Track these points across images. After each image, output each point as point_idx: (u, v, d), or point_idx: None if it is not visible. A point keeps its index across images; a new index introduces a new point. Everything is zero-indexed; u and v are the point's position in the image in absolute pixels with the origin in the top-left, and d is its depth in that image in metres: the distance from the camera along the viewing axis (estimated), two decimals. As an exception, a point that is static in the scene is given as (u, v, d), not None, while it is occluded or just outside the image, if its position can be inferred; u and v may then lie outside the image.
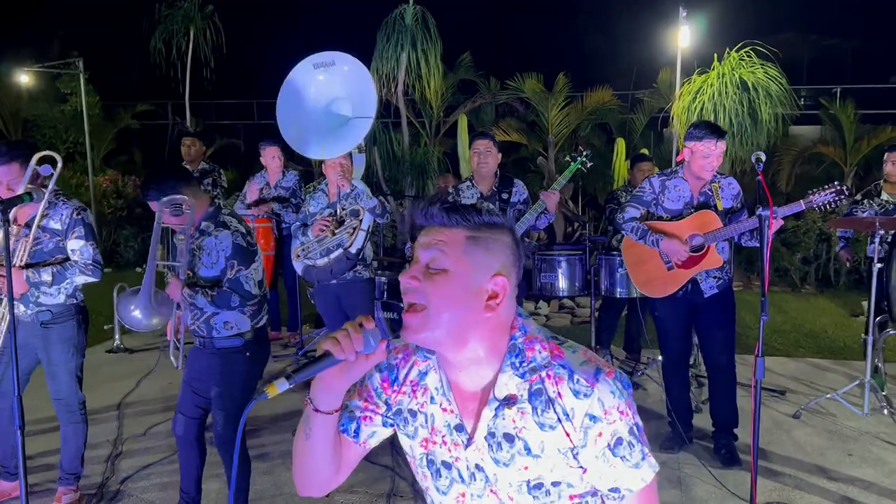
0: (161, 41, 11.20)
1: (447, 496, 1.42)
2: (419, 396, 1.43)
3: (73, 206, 3.44)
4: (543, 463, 1.33)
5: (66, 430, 3.63)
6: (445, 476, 1.41)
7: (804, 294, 9.52)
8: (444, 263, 1.31)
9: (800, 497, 3.79)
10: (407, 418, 1.45)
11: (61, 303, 3.48)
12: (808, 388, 5.54)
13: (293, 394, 5.50)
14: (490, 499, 1.38)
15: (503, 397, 1.34)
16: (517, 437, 1.33)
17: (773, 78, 8.49)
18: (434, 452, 1.41)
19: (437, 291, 1.30)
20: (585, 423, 1.30)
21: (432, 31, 9.64)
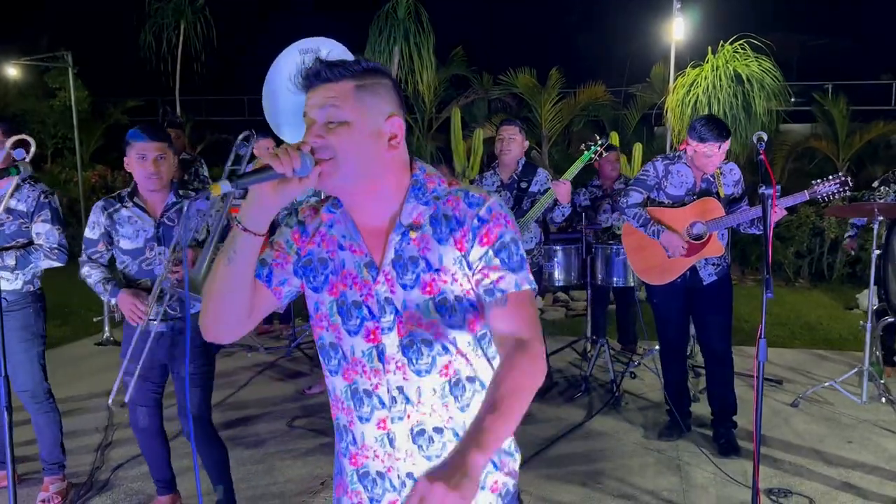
0: (151, 35, 11.10)
1: (357, 335, 1.46)
2: (328, 245, 1.49)
3: (40, 189, 3.35)
4: (443, 276, 1.41)
5: (38, 421, 3.52)
6: (356, 316, 1.45)
7: (798, 288, 9.50)
8: (342, 116, 1.38)
9: (800, 483, 3.75)
10: (316, 268, 1.50)
11: (18, 289, 3.36)
12: (806, 377, 5.51)
13: (286, 384, 5.46)
14: (401, 329, 1.44)
15: (408, 223, 1.43)
16: (420, 258, 1.42)
17: (767, 71, 8.47)
18: (344, 294, 1.46)
19: (342, 142, 1.37)
20: (475, 224, 1.41)
21: (425, 25, 9.59)
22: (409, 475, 1.47)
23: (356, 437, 1.51)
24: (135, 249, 3.04)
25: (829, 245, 9.75)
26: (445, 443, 1.46)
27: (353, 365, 1.47)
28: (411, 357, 1.43)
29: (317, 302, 1.51)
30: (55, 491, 3.51)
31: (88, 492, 3.69)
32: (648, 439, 4.32)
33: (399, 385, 1.44)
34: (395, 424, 1.46)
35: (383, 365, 1.44)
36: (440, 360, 1.44)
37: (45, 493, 3.50)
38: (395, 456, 1.47)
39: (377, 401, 1.46)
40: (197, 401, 3.13)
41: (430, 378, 1.44)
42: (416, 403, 1.44)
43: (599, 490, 3.68)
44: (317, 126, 1.39)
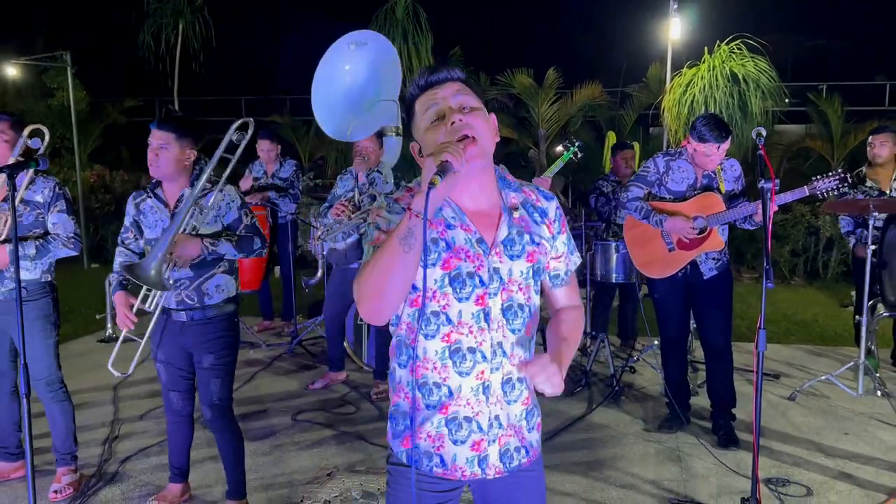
0: (150, 35, 11.13)
1: (468, 301, 1.68)
2: (437, 227, 1.69)
3: (54, 181, 3.44)
4: (540, 249, 1.76)
5: (52, 410, 3.58)
6: (468, 284, 1.68)
7: (793, 286, 9.59)
8: (473, 102, 1.68)
9: (798, 473, 3.82)
10: (429, 247, 1.65)
11: (37, 279, 3.44)
12: (802, 372, 5.59)
13: (290, 379, 5.51)
14: (503, 294, 1.71)
15: (510, 205, 1.74)
16: (525, 232, 1.74)
17: (763, 71, 8.56)
18: (459, 268, 1.68)
19: (479, 124, 1.66)
20: (557, 214, 1.81)
21: (423, 25, 9.67)
22: (496, 417, 1.74)
23: (452, 390, 1.72)
24: (153, 239, 3.13)
25: (824, 244, 9.85)
26: (522, 391, 1.78)
27: (460, 327, 1.69)
28: (509, 318, 1.71)
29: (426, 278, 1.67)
30: (67, 482, 3.56)
31: (98, 483, 3.74)
32: (648, 431, 4.39)
33: (499, 341, 1.71)
34: (492, 374, 1.71)
35: (488, 325, 1.69)
36: (527, 321, 1.75)
37: (57, 483, 3.55)
38: (487, 402, 1.72)
39: (480, 356, 1.70)
40: (217, 389, 3.20)
41: (520, 336, 1.74)
42: (509, 356, 1.72)
43: (601, 480, 3.75)
44: (455, 111, 1.65)
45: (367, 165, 4.84)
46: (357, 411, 4.76)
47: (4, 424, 3.67)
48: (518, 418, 1.78)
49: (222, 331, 3.17)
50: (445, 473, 1.76)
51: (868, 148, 5.49)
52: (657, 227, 4.13)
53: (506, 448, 1.77)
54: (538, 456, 1.87)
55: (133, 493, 3.64)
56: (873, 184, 5.40)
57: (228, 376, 3.23)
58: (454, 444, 1.74)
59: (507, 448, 1.77)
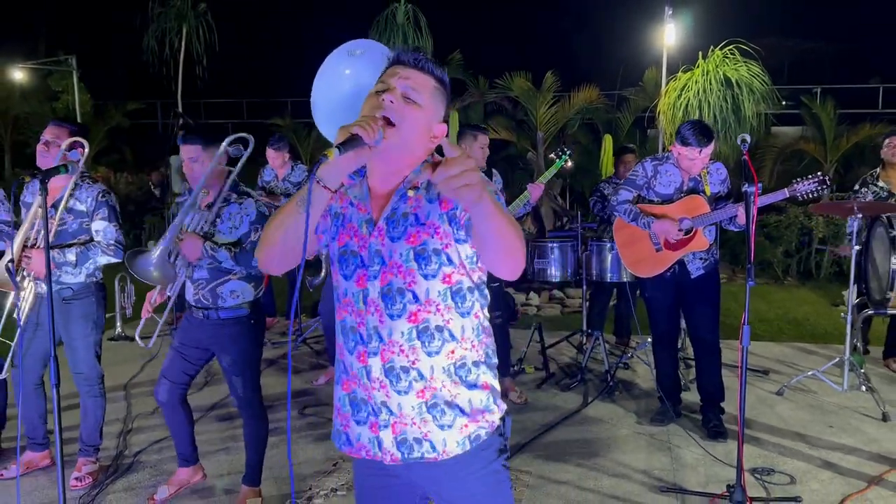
0: (154, 39, 11.29)
1: (351, 280, 1.71)
2: (342, 202, 1.77)
3: (99, 189, 3.59)
4: (427, 229, 1.65)
5: (85, 403, 3.78)
6: (351, 263, 1.72)
7: (786, 286, 9.77)
8: (419, 99, 1.66)
9: (783, 463, 4.00)
10: (332, 220, 1.77)
11: (82, 281, 3.62)
12: (791, 368, 5.76)
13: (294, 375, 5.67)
14: (383, 277, 1.68)
15: (408, 187, 1.69)
16: (410, 213, 1.67)
17: (756, 75, 8.73)
18: (347, 245, 1.73)
19: (409, 117, 1.64)
20: None
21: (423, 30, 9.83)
22: (384, 404, 1.70)
23: (346, 366, 1.76)
24: None
25: (816, 244, 10.02)
26: (412, 381, 1.68)
27: (345, 305, 1.74)
28: (387, 302, 1.67)
29: (329, 248, 1.79)
30: (88, 471, 3.75)
31: (114, 473, 3.92)
32: (641, 424, 4.57)
33: (375, 325, 1.69)
34: (371, 359, 1.70)
35: (366, 307, 1.69)
36: (410, 308, 1.67)
37: (78, 472, 3.74)
38: (370, 386, 1.71)
39: (359, 337, 1.71)
40: (239, 385, 3.40)
41: (400, 322, 1.67)
42: (387, 342, 1.68)
43: (595, 469, 3.93)
44: (396, 92, 1.64)
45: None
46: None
47: (32, 416, 3.85)
48: (414, 410, 1.69)
49: (237, 334, 3.35)
50: (352, 452, 1.78)
51: (884, 149, 5.58)
52: (645, 228, 4.32)
53: (402, 437, 1.70)
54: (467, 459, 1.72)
55: (147, 481, 3.82)
56: (885, 185, 5.54)
57: (248, 373, 3.41)
58: (357, 424, 1.76)
59: (403, 437, 1.70)
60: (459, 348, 1.71)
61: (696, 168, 4.23)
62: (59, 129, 3.51)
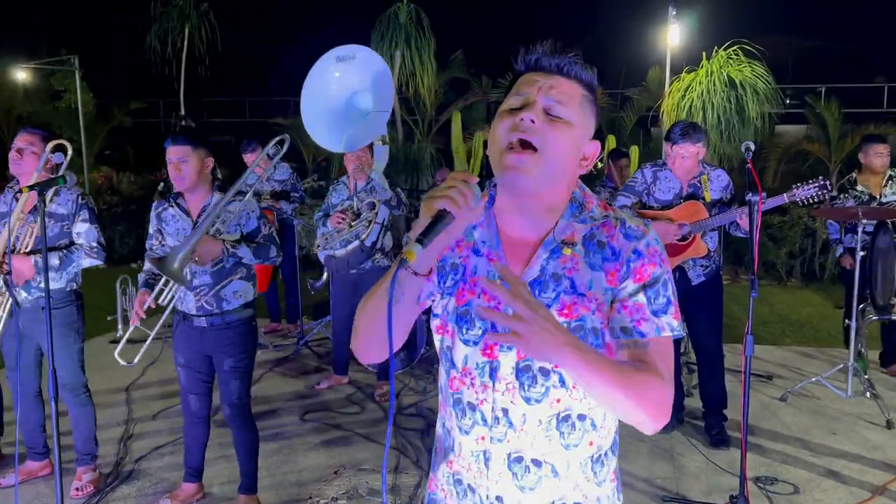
0: (156, 39, 11.29)
1: (476, 347, 1.37)
2: (463, 250, 1.42)
3: (77, 192, 3.59)
4: (587, 303, 1.32)
5: (75, 413, 3.75)
6: (478, 326, 1.37)
7: (790, 287, 9.73)
8: (565, 114, 1.32)
9: (787, 471, 3.98)
10: (448, 273, 1.42)
11: (62, 287, 3.59)
12: (794, 373, 5.74)
13: (297, 380, 5.66)
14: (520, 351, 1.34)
15: (561, 239, 1.36)
16: (565, 277, 1.33)
17: (759, 76, 8.71)
18: (470, 303, 1.38)
19: (555, 138, 1.31)
20: (631, 257, 1.33)
21: (426, 30, 9.82)
22: (499, 499, 1.40)
23: (454, 446, 1.45)
24: None
25: (820, 245, 9.98)
26: (542, 476, 1.37)
27: (463, 375, 1.40)
28: (524, 382, 1.34)
29: (443, 305, 1.43)
30: (88, 480, 3.74)
31: (115, 481, 3.90)
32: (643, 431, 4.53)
33: (504, 407, 1.36)
34: (493, 445, 1.38)
35: (493, 383, 1.36)
36: (553, 392, 1.34)
37: (78, 482, 3.72)
38: (487, 475, 1.40)
39: (479, 416, 1.38)
40: (236, 390, 3.38)
41: (539, 407, 1.35)
42: (518, 430, 1.36)
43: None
44: (537, 108, 1.31)
45: (365, 174, 5.02)
46: (362, 411, 4.92)
47: (31, 426, 3.84)
48: None
49: (240, 335, 3.34)
50: None
51: (864, 156, 5.57)
52: None
53: None
54: None
55: (148, 490, 3.80)
56: (864, 188, 5.52)
57: (247, 377, 3.42)
58: None
59: None
60: (598, 438, 1.40)
61: (688, 165, 4.20)
62: (32, 135, 3.50)
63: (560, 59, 1.35)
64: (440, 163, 11.04)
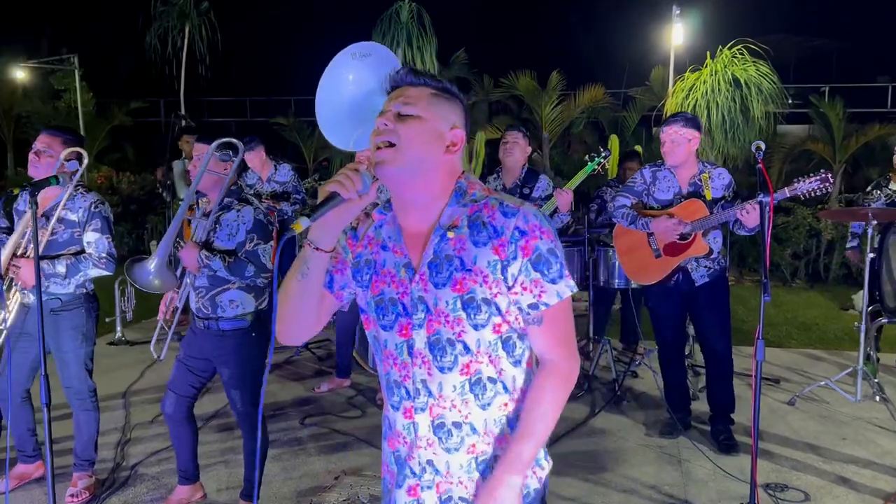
0: (156, 38, 11.22)
1: (392, 330, 1.58)
2: (373, 247, 1.63)
3: (92, 199, 3.48)
4: (475, 276, 1.51)
5: (78, 418, 3.68)
6: (391, 311, 1.58)
7: (795, 288, 9.66)
8: (413, 110, 1.53)
9: (796, 478, 3.90)
10: (363, 268, 1.64)
11: (70, 292, 3.51)
12: (802, 376, 5.66)
13: (296, 384, 5.58)
14: (429, 326, 1.55)
15: (447, 225, 1.55)
16: (455, 257, 1.52)
17: (764, 75, 8.62)
18: (383, 292, 1.59)
19: (408, 131, 1.51)
20: (515, 235, 1.51)
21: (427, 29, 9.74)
22: (430, 462, 1.60)
23: (391, 423, 1.65)
24: None
25: (825, 246, 9.91)
26: (464, 437, 1.57)
27: (387, 357, 1.61)
28: (436, 354, 1.54)
29: (363, 299, 1.64)
30: (83, 486, 3.65)
31: (111, 487, 3.83)
32: (650, 436, 4.47)
33: (423, 379, 1.56)
34: (418, 415, 1.58)
35: (411, 359, 1.56)
36: (462, 360, 1.54)
37: (73, 487, 3.64)
38: (416, 444, 1.59)
39: (404, 391, 1.59)
40: (238, 399, 3.32)
41: (452, 375, 1.55)
42: (437, 397, 1.56)
43: (603, 485, 3.83)
44: (389, 114, 1.54)
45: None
46: (363, 415, 4.85)
47: (21, 430, 3.77)
48: (464, 469, 1.59)
49: (237, 346, 3.26)
50: None
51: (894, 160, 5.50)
52: (644, 229, 4.23)
53: (447, 496, 1.61)
54: None
55: (145, 496, 3.73)
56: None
57: (248, 387, 3.31)
58: (397, 487, 1.66)
59: (448, 496, 1.61)
60: (511, 401, 1.59)
61: (680, 155, 4.12)
62: (52, 137, 3.38)
63: (404, 72, 1.58)
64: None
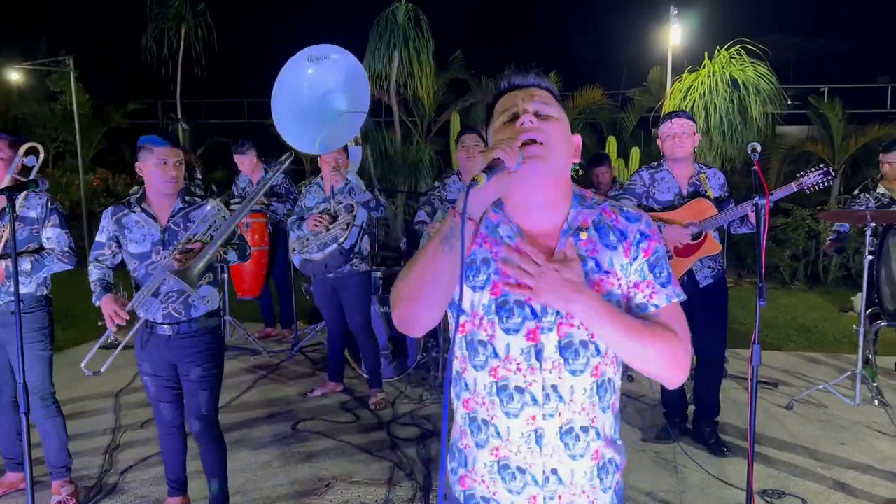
0: (152, 39, 11.18)
1: (517, 334, 1.51)
2: (491, 246, 1.55)
3: (46, 196, 3.47)
4: (611, 278, 1.51)
5: (44, 426, 3.60)
6: (518, 314, 1.51)
7: (794, 290, 9.60)
8: (552, 112, 1.52)
9: (794, 484, 3.84)
10: (479, 267, 1.55)
11: (32, 292, 3.48)
12: (800, 380, 5.60)
13: (290, 387, 5.52)
14: (560, 329, 1.50)
15: (576, 226, 1.54)
16: (588, 258, 1.51)
17: (762, 76, 8.57)
18: (507, 294, 1.52)
19: (553, 132, 1.49)
20: (638, 238, 1.53)
21: (424, 30, 9.68)
22: (554, 471, 1.54)
23: (500, 431, 1.55)
24: (142, 253, 3.16)
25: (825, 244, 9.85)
26: (589, 442, 1.54)
27: (506, 363, 1.52)
28: (568, 357, 1.51)
29: (472, 300, 1.55)
30: (67, 494, 3.60)
31: (97, 495, 3.77)
32: (646, 441, 4.41)
33: (553, 384, 1.51)
34: (545, 421, 1.52)
35: (540, 363, 1.50)
36: (593, 361, 1.52)
37: (57, 496, 3.58)
38: (541, 452, 1.53)
39: (529, 397, 1.51)
40: (205, 401, 3.23)
41: (583, 378, 1.52)
42: (567, 402, 1.52)
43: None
44: (529, 113, 1.49)
45: (342, 176, 4.88)
46: (357, 420, 4.79)
47: (8, 436, 3.71)
48: (587, 477, 1.56)
49: (207, 343, 3.20)
50: None
51: (880, 166, 5.43)
52: None
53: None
54: None
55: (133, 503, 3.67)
56: (885, 191, 5.38)
57: (215, 388, 3.27)
58: (509, 493, 1.57)
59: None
60: (616, 399, 1.60)
61: (682, 146, 4.09)
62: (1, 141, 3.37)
63: (529, 76, 1.56)
64: (439, 163, 10.92)
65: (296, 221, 4.99)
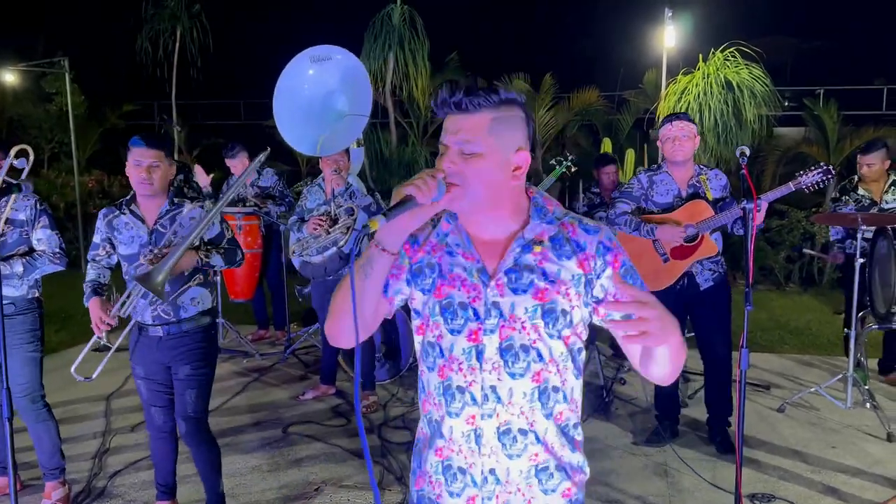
0: (147, 40, 11.17)
1: (459, 335, 1.56)
2: (437, 251, 1.61)
3: (35, 198, 3.48)
4: (557, 287, 1.53)
5: (36, 429, 3.59)
6: (461, 316, 1.56)
7: (788, 292, 9.61)
8: (476, 148, 1.50)
9: (784, 488, 3.83)
10: (425, 272, 1.61)
11: (24, 294, 3.48)
12: (792, 383, 5.60)
13: (282, 390, 5.51)
14: (502, 332, 1.54)
15: (530, 238, 1.56)
16: (536, 267, 1.54)
17: (757, 78, 8.58)
18: (451, 296, 1.57)
19: (473, 171, 1.50)
20: (600, 250, 1.56)
21: (420, 31, 9.69)
22: (492, 471, 1.58)
23: (443, 432, 1.61)
24: (130, 255, 3.16)
25: (819, 250, 9.85)
26: (528, 444, 1.57)
27: (450, 362, 1.57)
28: (508, 360, 1.54)
29: (423, 303, 1.62)
30: (57, 498, 3.59)
31: (86, 499, 3.76)
32: (637, 444, 4.40)
33: (492, 384, 1.55)
34: (483, 421, 1.56)
35: (480, 364, 1.55)
36: (534, 367, 1.54)
37: (47, 500, 3.57)
38: (479, 452, 1.57)
39: (469, 397, 1.56)
40: (192, 401, 3.21)
41: (523, 382, 1.54)
42: (506, 404, 1.55)
43: (588, 495, 3.74)
44: (451, 153, 1.51)
45: (343, 179, 4.87)
46: (348, 423, 4.78)
47: None
48: (523, 475, 1.58)
49: (198, 342, 3.19)
50: None
51: (858, 167, 5.45)
52: (648, 236, 4.16)
53: None
54: None
55: (122, 508, 3.66)
56: (865, 192, 5.40)
57: (205, 388, 3.25)
58: (450, 496, 1.61)
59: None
60: (569, 410, 1.62)
61: (682, 148, 4.08)
62: None
63: (459, 98, 1.50)
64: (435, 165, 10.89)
65: (296, 222, 4.98)
